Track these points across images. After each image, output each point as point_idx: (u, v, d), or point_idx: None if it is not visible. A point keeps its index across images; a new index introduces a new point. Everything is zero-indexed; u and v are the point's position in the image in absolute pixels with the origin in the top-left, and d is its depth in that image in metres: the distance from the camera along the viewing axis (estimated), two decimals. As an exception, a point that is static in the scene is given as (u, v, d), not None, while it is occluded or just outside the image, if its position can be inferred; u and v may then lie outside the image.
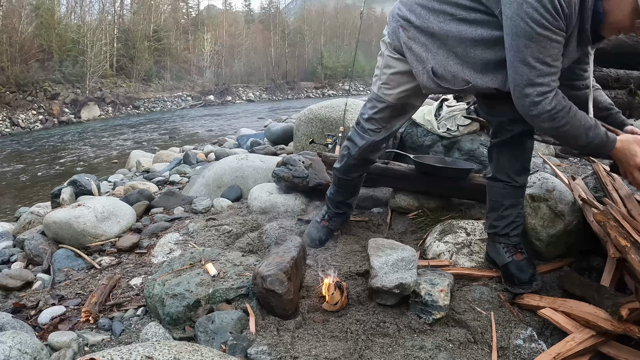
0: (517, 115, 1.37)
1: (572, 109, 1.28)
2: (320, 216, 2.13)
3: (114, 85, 24.30)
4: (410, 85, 1.59)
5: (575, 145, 1.36)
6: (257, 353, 1.33)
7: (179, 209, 2.88)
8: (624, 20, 1.20)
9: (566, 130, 1.28)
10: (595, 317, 1.26)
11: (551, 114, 1.26)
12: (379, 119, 1.71)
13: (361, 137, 1.78)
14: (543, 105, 1.25)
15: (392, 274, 1.52)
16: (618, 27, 1.24)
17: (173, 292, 1.59)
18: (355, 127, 1.83)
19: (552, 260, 1.76)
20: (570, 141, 1.35)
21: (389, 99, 1.65)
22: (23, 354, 1.29)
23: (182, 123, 16.56)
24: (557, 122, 1.27)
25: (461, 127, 2.99)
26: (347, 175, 1.97)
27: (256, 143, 5.76)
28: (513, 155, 1.63)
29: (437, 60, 1.46)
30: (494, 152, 1.69)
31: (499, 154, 1.66)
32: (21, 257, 2.38)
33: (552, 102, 1.25)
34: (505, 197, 1.66)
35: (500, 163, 1.66)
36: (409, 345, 1.37)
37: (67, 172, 8.01)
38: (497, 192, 1.68)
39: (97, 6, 27.77)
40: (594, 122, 1.29)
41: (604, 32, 1.27)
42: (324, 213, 2.12)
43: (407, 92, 1.62)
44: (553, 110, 1.25)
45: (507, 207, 1.65)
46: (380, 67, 1.67)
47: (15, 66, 18.92)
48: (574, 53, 1.34)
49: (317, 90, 35.83)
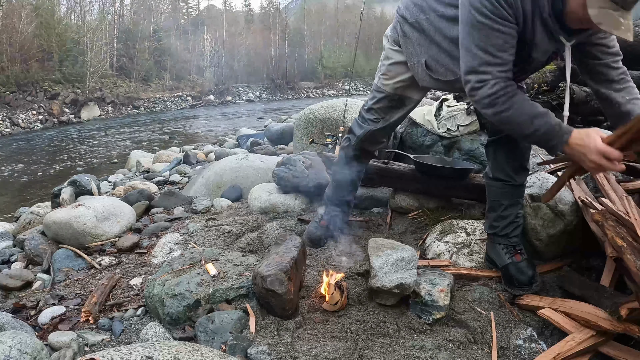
0: None
1: (518, 96, 1.25)
2: (319, 216, 2.13)
3: (114, 85, 24.27)
4: (406, 75, 1.67)
5: (522, 134, 1.30)
6: (257, 353, 1.33)
7: (179, 209, 2.88)
8: (579, 10, 1.14)
9: (508, 116, 1.25)
10: (595, 317, 1.26)
11: (491, 98, 1.25)
12: (378, 109, 1.79)
13: (360, 127, 1.86)
14: (483, 91, 1.26)
15: (392, 274, 1.52)
16: (578, 18, 1.17)
17: (173, 292, 1.59)
18: (357, 119, 1.90)
19: (552, 260, 1.76)
20: (515, 129, 1.29)
21: (387, 89, 1.73)
22: (23, 354, 1.29)
23: (182, 123, 16.56)
24: (498, 107, 1.25)
25: (461, 127, 2.99)
26: (346, 170, 1.99)
27: (256, 143, 5.76)
28: (509, 154, 1.65)
29: (429, 54, 1.52)
30: (490, 149, 1.72)
31: (496, 151, 1.69)
32: (21, 257, 2.38)
33: (493, 88, 1.24)
34: (504, 196, 1.67)
35: (498, 161, 1.68)
36: (409, 345, 1.37)
37: (67, 172, 8.01)
38: (496, 192, 1.69)
39: (97, 6, 27.80)
40: (544, 111, 1.24)
41: (569, 22, 1.22)
42: (322, 213, 2.13)
43: (404, 83, 1.69)
44: (493, 95, 1.24)
45: (506, 207, 1.66)
46: (381, 60, 1.76)
47: (15, 66, 18.91)
48: (546, 44, 1.31)
49: (317, 90, 35.81)
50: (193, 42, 34.44)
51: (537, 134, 1.24)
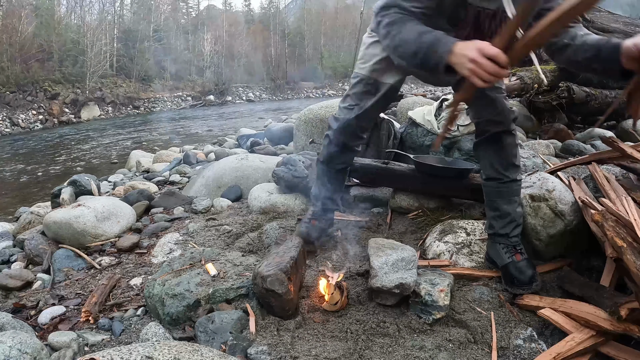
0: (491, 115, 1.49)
1: (412, 21, 1.31)
2: (308, 216, 2.10)
3: (114, 85, 24.29)
4: (381, 56, 1.68)
5: (412, 52, 1.27)
6: (257, 353, 1.33)
7: (179, 209, 2.88)
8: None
9: (401, 36, 1.30)
10: (595, 317, 1.26)
11: (390, 27, 1.33)
12: (352, 94, 1.81)
13: (336, 120, 1.88)
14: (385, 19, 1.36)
15: (392, 274, 1.52)
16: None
17: (173, 292, 1.59)
18: (333, 115, 1.94)
19: (552, 260, 1.76)
20: (406, 49, 1.29)
21: (363, 72, 1.76)
22: (23, 354, 1.30)
23: (182, 123, 16.56)
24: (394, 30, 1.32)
25: (461, 127, 2.99)
26: (330, 166, 2.00)
27: (256, 143, 5.75)
28: (495, 152, 1.68)
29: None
30: (478, 150, 1.76)
31: (484, 151, 1.73)
32: (21, 257, 2.38)
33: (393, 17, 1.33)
34: (500, 195, 1.69)
35: (487, 160, 1.71)
36: (409, 345, 1.37)
37: (67, 172, 8.01)
38: (492, 192, 1.72)
39: (97, 6, 27.80)
40: (430, 29, 1.25)
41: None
42: (311, 212, 2.11)
43: (379, 65, 1.70)
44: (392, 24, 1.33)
45: (503, 206, 1.68)
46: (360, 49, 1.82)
47: (15, 66, 18.92)
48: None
49: (317, 90, 35.82)
50: (193, 42, 34.44)
51: (424, 47, 1.23)
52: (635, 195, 1.59)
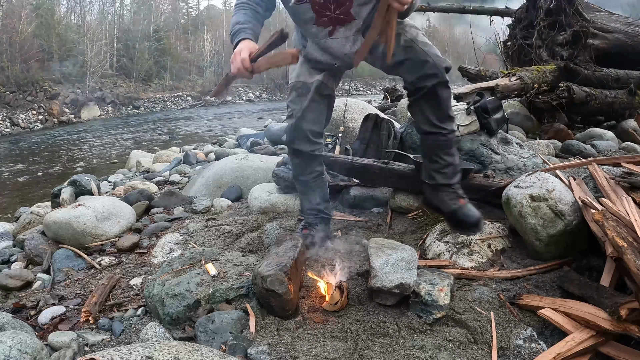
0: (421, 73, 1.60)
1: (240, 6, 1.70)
2: (300, 227, 2.10)
3: (114, 85, 24.29)
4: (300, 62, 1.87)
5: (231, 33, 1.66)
6: (257, 353, 1.33)
7: (179, 209, 2.88)
8: None
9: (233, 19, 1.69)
10: (595, 317, 1.26)
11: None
12: (290, 102, 1.94)
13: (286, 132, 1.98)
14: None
15: (392, 274, 1.52)
16: None
17: (173, 292, 1.59)
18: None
19: (552, 260, 1.76)
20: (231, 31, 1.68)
21: (292, 80, 1.93)
22: (23, 354, 1.30)
23: (182, 123, 16.56)
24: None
25: (461, 127, 2.98)
26: (300, 177, 2.03)
27: (256, 143, 5.76)
28: (432, 107, 1.70)
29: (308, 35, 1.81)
30: (414, 107, 1.76)
31: (421, 107, 1.73)
32: (21, 257, 2.38)
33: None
34: (441, 147, 1.75)
35: (424, 115, 1.73)
36: (409, 345, 1.37)
37: (67, 172, 8.01)
38: (432, 145, 1.77)
39: (97, 6, 27.81)
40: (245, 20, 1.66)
41: None
42: (303, 224, 2.10)
43: (300, 69, 1.90)
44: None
45: (445, 157, 1.74)
46: None
47: (15, 66, 18.91)
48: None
49: (317, 90, 35.78)
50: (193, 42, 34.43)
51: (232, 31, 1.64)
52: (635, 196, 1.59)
